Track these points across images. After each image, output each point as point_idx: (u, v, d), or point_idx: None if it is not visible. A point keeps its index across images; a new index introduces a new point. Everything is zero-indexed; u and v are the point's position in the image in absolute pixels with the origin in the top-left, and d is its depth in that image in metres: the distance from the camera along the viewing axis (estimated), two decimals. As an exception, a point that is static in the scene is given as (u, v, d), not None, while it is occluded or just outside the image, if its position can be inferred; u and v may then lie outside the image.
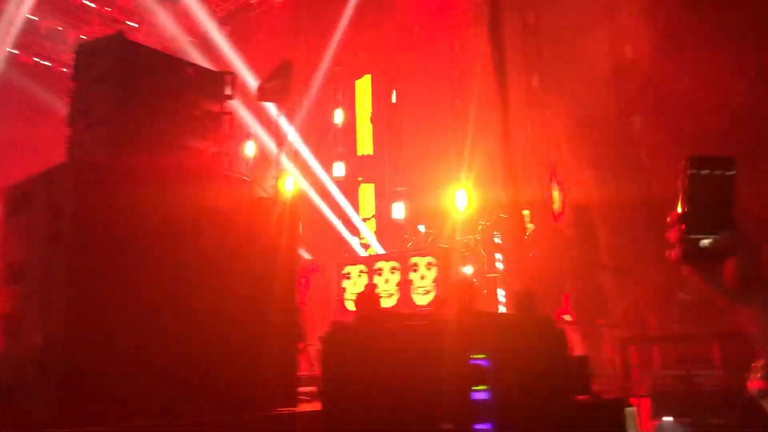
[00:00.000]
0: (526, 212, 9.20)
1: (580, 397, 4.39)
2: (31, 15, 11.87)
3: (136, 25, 13.00)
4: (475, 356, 3.32)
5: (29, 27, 12.09)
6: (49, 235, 4.14)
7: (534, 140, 10.49)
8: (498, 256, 10.54)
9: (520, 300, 5.52)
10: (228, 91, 5.18)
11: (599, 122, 9.87)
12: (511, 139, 8.76)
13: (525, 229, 9.00)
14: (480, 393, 3.29)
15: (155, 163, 4.59)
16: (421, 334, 3.33)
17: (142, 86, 4.71)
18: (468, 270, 11.02)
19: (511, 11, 10.45)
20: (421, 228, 12.46)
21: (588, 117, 9.71)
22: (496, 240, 10.66)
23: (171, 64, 4.95)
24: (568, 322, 8.08)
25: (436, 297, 8.57)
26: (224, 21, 12.88)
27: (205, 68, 5.20)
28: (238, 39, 12.57)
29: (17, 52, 12.29)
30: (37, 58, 12.69)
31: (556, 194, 9.84)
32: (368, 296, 7.30)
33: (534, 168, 10.11)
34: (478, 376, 3.30)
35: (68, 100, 4.72)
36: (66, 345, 3.96)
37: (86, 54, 4.87)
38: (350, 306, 11.54)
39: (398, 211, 13.09)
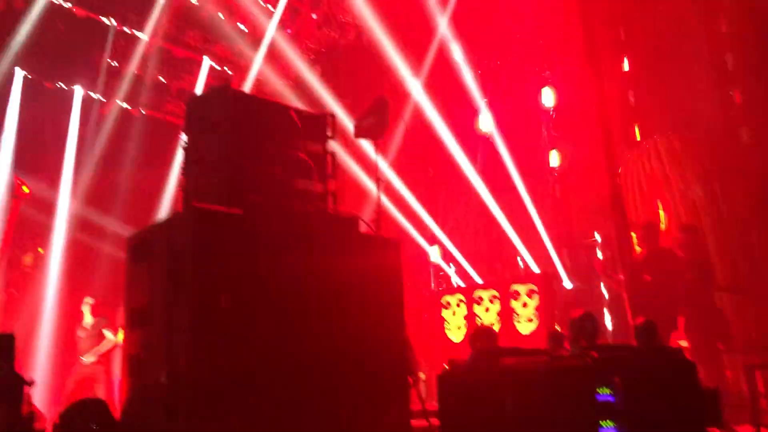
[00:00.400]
0: (633, 234, 8.87)
1: (712, 430, 4.15)
2: (138, 70, 12.69)
3: (230, 73, 13.60)
4: (601, 391, 3.20)
5: (136, 80, 12.91)
6: (171, 280, 4.33)
7: (637, 158, 10.15)
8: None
9: (642, 331, 5.28)
10: (329, 132, 5.30)
11: (705, 136, 9.44)
12: (614, 157, 8.51)
13: (634, 252, 8.66)
14: (608, 430, 3.16)
15: (267, 206, 4.73)
16: (543, 371, 3.24)
17: (250, 133, 4.89)
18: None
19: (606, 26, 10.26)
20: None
21: (693, 131, 9.31)
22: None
23: (275, 109, 5.12)
24: (684, 348, 7.66)
25: (552, 331, 8.32)
26: (314, 61, 13.26)
27: (307, 111, 5.35)
28: (329, 78, 12.91)
29: (127, 105, 13.15)
30: (144, 109, 13.50)
31: (662, 214, 9.44)
32: (484, 331, 7.17)
33: (638, 188, 9.76)
34: (605, 412, 3.17)
35: (183, 149, 4.95)
36: (190, 386, 4.10)
37: (196, 105, 5.12)
38: (453, 337, 11.43)
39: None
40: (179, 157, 5.52)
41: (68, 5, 12.11)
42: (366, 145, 10.07)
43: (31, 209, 11.37)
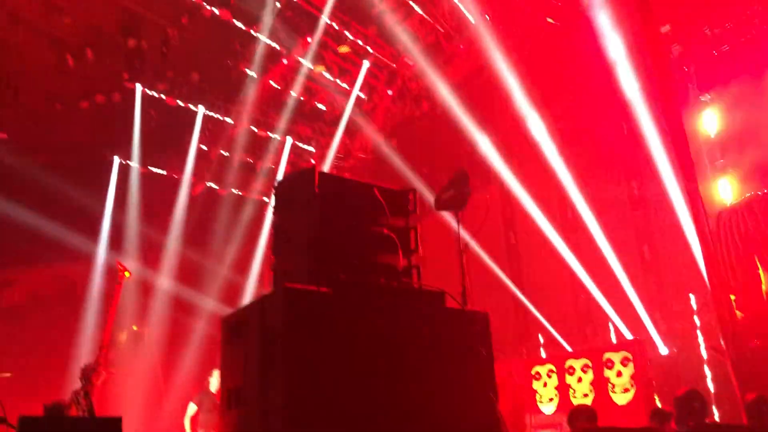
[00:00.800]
0: (732, 297, 8.41)
1: None
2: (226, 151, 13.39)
3: (312, 150, 14.12)
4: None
5: (224, 162, 13.61)
6: (264, 361, 4.42)
7: (731, 214, 9.72)
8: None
9: (754, 409, 4.91)
10: (412, 207, 5.38)
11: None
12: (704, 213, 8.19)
13: (735, 315, 8.19)
14: None
15: (355, 283, 4.79)
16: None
17: (336, 211, 5.03)
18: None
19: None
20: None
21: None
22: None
23: (358, 188, 5.26)
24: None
25: (655, 409, 7.88)
26: (390, 134, 13.58)
27: (389, 188, 5.46)
28: (405, 149, 13.16)
29: (216, 186, 13.81)
30: (232, 188, 14.15)
31: (762, 274, 8.93)
32: (584, 411, 6.87)
33: (734, 246, 9.31)
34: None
35: (272, 230, 5.12)
36: (285, 467, 4.11)
37: (284, 188, 5.33)
38: (545, 409, 11.01)
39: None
40: (265, 233, 5.71)
41: (160, 95, 12.98)
42: (448, 217, 10.10)
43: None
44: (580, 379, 10.78)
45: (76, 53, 13.08)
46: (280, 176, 13.40)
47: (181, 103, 12.89)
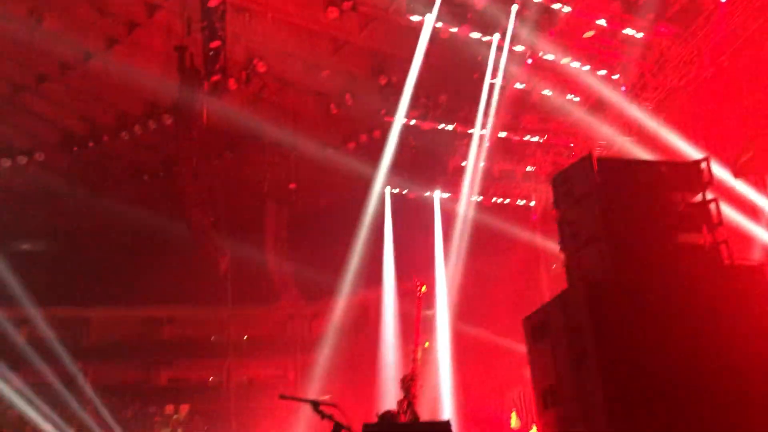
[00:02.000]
0: None
1: None
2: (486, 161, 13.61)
3: (572, 145, 13.68)
4: None
5: (486, 173, 13.82)
6: (574, 357, 4.35)
7: None
8: None
9: None
10: (707, 177, 4.92)
11: None
12: None
13: None
14: None
15: (655, 268, 4.51)
16: None
17: (621, 196, 4.80)
18: None
19: None
20: None
21: None
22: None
23: (642, 168, 4.97)
24: None
25: None
26: (657, 109, 12.60)
27: (676, 162, 5.07)
28: (675, 123, 12.13)
29: (479, 198, 14.08)
30: (495, 197, 14.32)
31: None
32: None
33: None
34: None
35: (558, 226, 5.05)
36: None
37: (562, 182, 5.22)
38: None
39: None
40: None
41: (413, 122, 13.67)
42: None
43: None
44: None
45: (337, 101, 14.40)
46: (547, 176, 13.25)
47: (436, 126, 13.45)
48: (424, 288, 6.47)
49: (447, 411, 12.98)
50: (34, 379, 16.55)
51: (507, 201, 14.56)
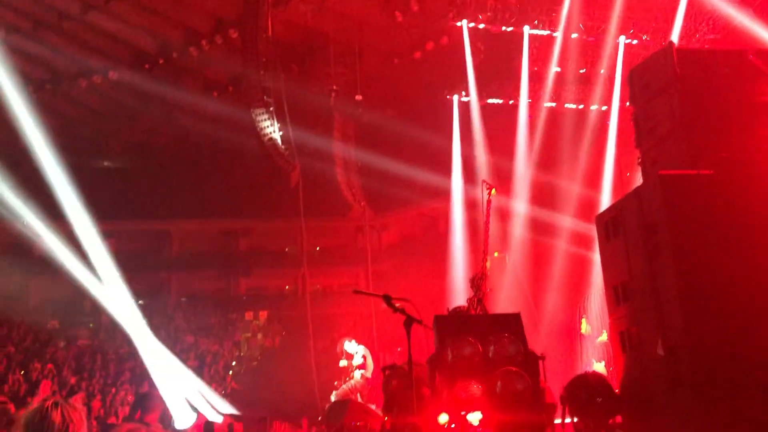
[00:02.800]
0: None
1: None
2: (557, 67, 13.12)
3: (647, 38, 12.93)
4: None
5: (557, 78, 13.34)
6: (649, 251, 4.31)
7: None
8: None
9: None
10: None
11: None
12: None
13: None
14: None
15: (738, 161, 4.35)
16: None
17: (701, 88, 4.59)
18: None
19: None
20: None
21: None
22: None
23: (728, 57, 4.70)
24: None
25: None
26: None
27: (764, 49, 4.77)
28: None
29: (553, 104, 13.65)
30: (570, 103, 13.85)
31: None
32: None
33: None
34: None
35: (633, 121, 4.91)
36: (690, 357, 3.98)
37: (639, 76, 5.03)
38: None
39: None
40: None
41: (482, 26, 13.19)
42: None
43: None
44: None
45: (402, 8, 14.02)
46: (618, 78, 12.64)
47: (506, 29, 12.93)
48: (493, 192, 6.44)
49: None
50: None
51: (581, 107, 14.03)
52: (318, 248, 21.61)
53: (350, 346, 10.63)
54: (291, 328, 18.90)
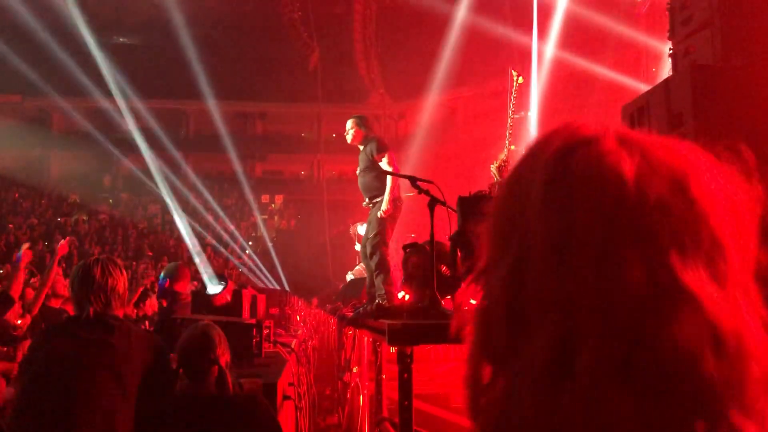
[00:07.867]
0: None
1: None
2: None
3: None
4: None
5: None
6: (672, 144, 4.36)
7: None
8: None
9: None
10: None
11: None
12: None
13: None
14: None
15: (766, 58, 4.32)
16: None
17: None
18: None
19: None
20: None
21: None
22: None
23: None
24: None
25: None
26: None
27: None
28: None
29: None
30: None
31: None
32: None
33: None
34: None
35: (668, 12, 4.82)
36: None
37: (679, -37, 4.88)
38: None
39: None
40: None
41: None
42: None
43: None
44: None
45: None
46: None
47: None
48: (521, 79, 6.35)
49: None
50: (143, 166, 17.80)
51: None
52: (334, 135, 21.63)
53: (363, 229, 10.86)
54: (306, 212, 19.26)
